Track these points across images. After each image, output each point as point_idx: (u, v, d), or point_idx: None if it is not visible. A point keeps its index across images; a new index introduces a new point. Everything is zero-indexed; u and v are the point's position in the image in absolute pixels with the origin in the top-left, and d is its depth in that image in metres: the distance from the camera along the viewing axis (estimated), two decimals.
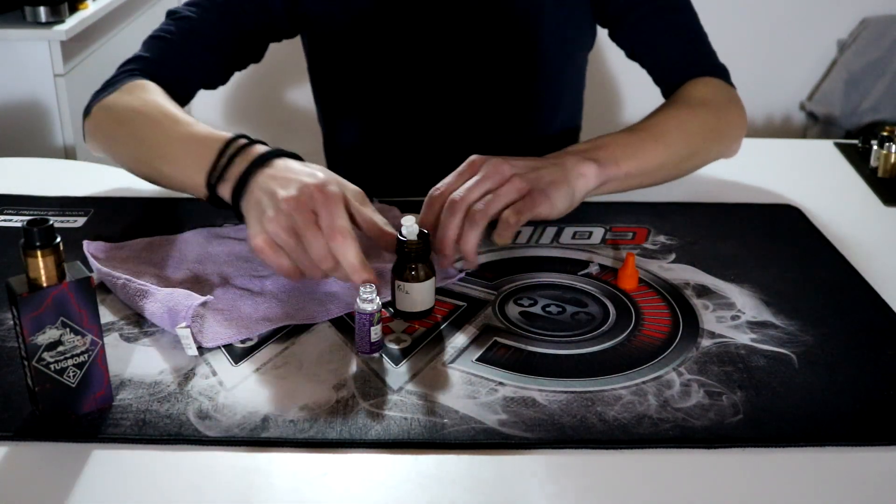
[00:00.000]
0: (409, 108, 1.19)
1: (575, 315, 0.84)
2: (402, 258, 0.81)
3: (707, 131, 1.07)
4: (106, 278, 0.85)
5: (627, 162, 0.97)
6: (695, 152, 1.06)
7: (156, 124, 0.95)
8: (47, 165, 1.22)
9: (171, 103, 0.98)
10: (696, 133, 1.06)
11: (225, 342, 0.78)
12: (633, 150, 0.99)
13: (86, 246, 0.90)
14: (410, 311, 0.82)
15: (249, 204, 0.82)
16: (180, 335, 0.76)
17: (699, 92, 1.09)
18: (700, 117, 1.06)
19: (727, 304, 0.86)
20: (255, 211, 0.80)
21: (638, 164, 0.99)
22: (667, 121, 1.04)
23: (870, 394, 0.73)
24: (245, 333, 0.79)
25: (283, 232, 0.78)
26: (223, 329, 0.79)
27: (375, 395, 0.72)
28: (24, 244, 0.63)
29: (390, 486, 0.64)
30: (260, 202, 0.80)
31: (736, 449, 0.68)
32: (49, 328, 0.65)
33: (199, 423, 0.69)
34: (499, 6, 1.13)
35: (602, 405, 0.71)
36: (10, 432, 0.68)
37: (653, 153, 1.00)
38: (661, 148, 1.01)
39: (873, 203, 1.11)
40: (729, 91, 1.12)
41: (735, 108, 1.11)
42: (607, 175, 0.96)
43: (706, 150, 1.08)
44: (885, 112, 2.74)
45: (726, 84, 1.12)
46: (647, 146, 1.00)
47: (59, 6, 1.94)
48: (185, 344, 0.76)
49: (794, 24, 2.85)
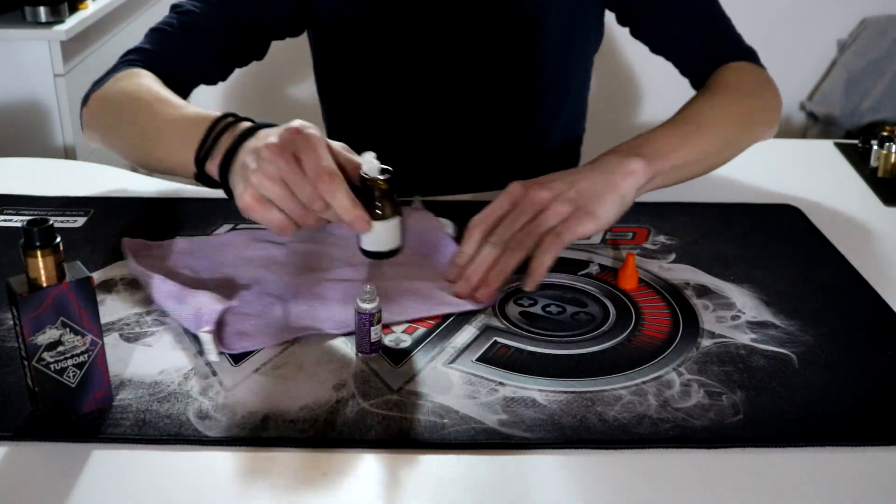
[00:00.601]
0: (414, 107, 1.19)
1: (575, 315, 0.84)
2: (366, 196, 0.77)
3: (745, 116, 1.05)
4: (140, 276, 0.85)
5: (673, 154, 0.94)
6: (736, 138, 1.04)
7: (148, 108, 0.95)
8: (47, 165, 1.22)
9: (165, 89, 0.98)
10: (735, 118, 1.04)
11: (248, 349, 0.77)
12: (678, 142, 0.96)
13: (125, 243, 0.91)
14: (375, 251, 0.79)
15: (235, 171, 0.80)
16: (202, 339, 0.75)
17: (731, 77, 1.07)
18: (737, 102, 1.04)
19: (727, 304, 0.86)
20: (241, 173, 0.79)
21: (683, 156, 0.96)
22: (704, 109, 1.02)
23: (870, 394, 0.73)
24: (270, 341, 0.78)
25: (267, 180, 0.75)
26: (248, 335, 0.78)
27: (375, 395, 0.72)
28: (24, 244, 0.63)
29: (390, 486, 0.64)
30: (244, 163, 0.79)
31: (736, 449, 0.68)
32: (49, 328, 0.65)
33: (199, 423, 0.69)
34: (503, 5, 1.13)
35: (602, 405, 0.71)
36: (10, 432, 0.68)
37: (696, 143, 0.98)
38: (704, 137, 0.99)
39: (873, 203, 1.11)
40: (760, 73, 1.10)
41: (769, 89, 1.09)
42: (655, 169, 0.92)
43: (748, 134, 1.06)
44: (885, 112, 2.74)
45: (757, 66, 1.10)
46: (690, 136, 0.98)
47: (59, 6, 1.94)
48: (206, 349, 0.76)
49: (794, 24, 2.85)
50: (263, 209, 0.76)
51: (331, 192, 0.75)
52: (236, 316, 0.81)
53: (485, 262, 0.85)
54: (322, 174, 0.75)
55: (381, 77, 1.17)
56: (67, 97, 1.99)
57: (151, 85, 0.98)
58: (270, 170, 0.75)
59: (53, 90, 1.98)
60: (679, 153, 0.95)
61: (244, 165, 0.78)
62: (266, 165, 0.75)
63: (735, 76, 1.08)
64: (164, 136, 0.91)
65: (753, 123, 1.07)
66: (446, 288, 0.86)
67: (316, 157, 0.75)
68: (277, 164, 0.75)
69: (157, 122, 0.93)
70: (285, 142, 0.76)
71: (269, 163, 0.75)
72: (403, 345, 0.79)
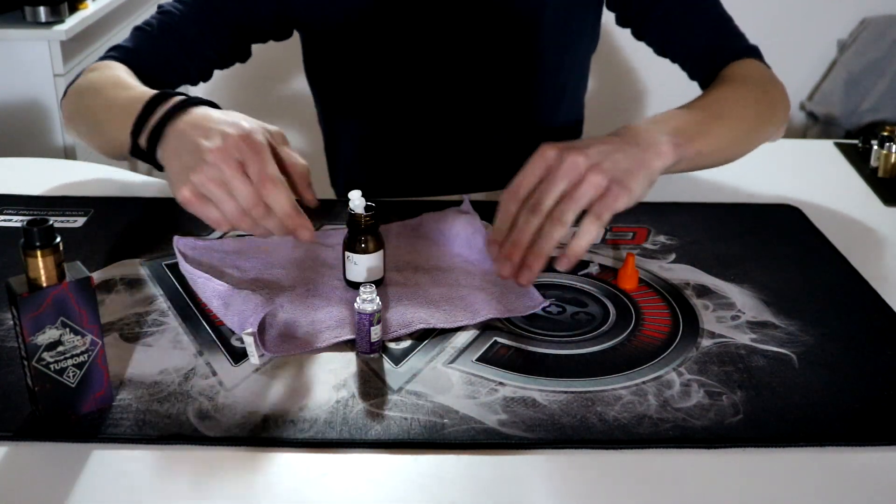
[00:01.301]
0: (409, 107, 1.18)
1: (575, 315, 0.84)
2: (352, 230, 0.84)
3: (762, 108, 1.03)
4: (188, 274, 0.86)
5: (700, 140, 0.90)
6: (753, 130, 1.02)
7: (104, 91, 0.97)
8: (47, 165, 1.22)
9: (131, 77, 0.99)
10: (753, 110, 1.02)
11: (290, 353, 0.77)
12: (704, 128, 0.92)
13: (175, 241, 0.91)
14: (359, 282, 0.84)
15: (168, 153, 0.81)
16: (245, 341, 0.76)
17: (743, 71, 1.06)
18: (753, 94, 1.03)
19: (727, 304, 0.86)
20: (177, 162, 0.79)
21: (708, 143, 0.92)
22: (725, 99, 1.00)
23: (870, 394, 0.73)
24: (311, 345, 0.78)
25: (209, 183, 0.76)
26: (291, 339, 0.78)
27: (375, 395, 0.72)
28: (24, 244, 0.63)
29: (390, 486, 0.64)
30: (180, 153, 0.79)
31: (736, 449, 0.68)
32: (49, 328, 0.65)
33: (199, 423, 0.69)
34: (499, 7, 1.12)
35: (602, 405, 0.71)
36: (10, 432, 0.67)
37: (719, 132, 0.95)
38: (726, 125, 0.96)
39: (873, 203, 1.11)
40: (767, 70, 1.09)
41: (778, 86, 1.08)
42: (682, 153, 0.87)
43: (764, 128, 1.04)
44: (885, 112, 2.74)
45: (763, 64, 1.10)
46: (714, 124, 0.95)
47: (59, 6, 1.94)
48: (249, 351, 0.76)
49: (794, 24, 2.85)
50: (203, 206, 0.77)
51: (274, 199, 0.76)
52: (281, 319, 0.81)
53: (525, 235, 0.80)
54: (266, 182, 0.76)
55: (374, 77, 1.17)
56: None
57: (118, 74, 1.00)
58: (212, 173, 0.76)
59: (53, 90, 1.98)
60: (704, 140, 0.91)
61: (179, 154, 0.79)
62: (208, 168, 0.76)
63: (745, 71, 1.06)
64: (112, 115, 0.93)
65: (769, 117, 1.05)
66: (492, 295, 0.85)
67: (261, 163, 0.76)
68: (220, 168, 0.76)
69: (109, 103, 0.95)
70: (230, 147, 0.76)
71: (211, 166, 0.76)
72: (403, 345, 0.79)
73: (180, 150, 0.79)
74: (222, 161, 0.76)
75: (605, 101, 2.89)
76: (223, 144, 0.76)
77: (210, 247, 0.93)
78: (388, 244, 0.88)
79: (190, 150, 0.78)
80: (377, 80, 1.17)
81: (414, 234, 0.96)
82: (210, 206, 0.77)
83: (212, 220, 0.78)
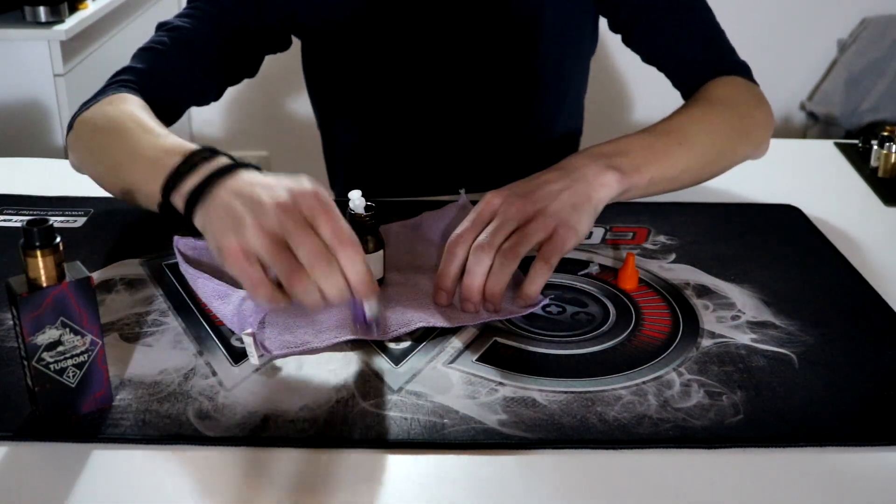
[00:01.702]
0: (408, 111, 1.18)
1: (575, 315, 0.84)
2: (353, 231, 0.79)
3: (732, 132, 1.02)
4: (188, 274, 0.86)
5: (651, 168, 0.91)
6: (720, 155, 1.01)
7: (126, 133, 0.88)
8: (47, 165, 1.22)
9: (150, 116, 0.91)
10: (720, 134, 1.00)
11: (289, 353, 0.77)
12: (657, 156, 0.92)
13: (175, 241, 0.90)
14: None
15: (211, 215, 0.72)
16: (245, 341, 0.76)
17: (721, 91, 1.05)
18: (724, 117, 1.01)
19: (727, 304, 0.86)
20: (226, 221, 0.71)
21: (662, 171, 0.92)
22: (690, 122, 0.99)
23: (870, 394, 0.73)
24: (311, 345, 0.77)
25: (264, 236, 0.68)
26: (291, 339, 0.78)
27: (375, 395, 0.72)
28: (24, 244, 0.63)
29: (390, 486, 0.64)
30: (233, 210, 0.70)
31: (736, 449, 0.68)
32: (49, 328, 0.65)
33: (199, 423, 0.69)
34: (499, 10, 1.12)
35: (602, 405, 0.71)
36: (10, 432, 0.67)
37: (677, 158, 0.94)
38: (685, 151, 0.95)
39: (873, 203, 1.11)
40: (752, 88, 1.07)
41: (760, 106, 1.06)
42: (630, 183, 0.89)
43: (732, 151, 1.03)
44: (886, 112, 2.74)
45: (749, 81, 1.08)
46: (672, 150, 0.94)
47: (59, 6, 1.94)
48: (248, 351, 0.76)
49: (794, 24, 2.85)
50: (248, 263, 0.69)
51: (350, 259, 0.69)
52: (281, 319, 0.80)
53: (478, 277, 0.80)
54: (346, 240, 0.69)
55: (374, 82, 1.16)
56: (67, 97, 1.99)
57: (136, 111, 0.92)
58: (271, 224, 0.68)
59: (53, 90, 1.98)
60: (657, 167, 0.92)
61: (233, 212, 0.70)
62: (266, 219, 0.69)
63: (725, 90, 1.05)
64: (136, 162, 0.85)
65: (741, 140, 1.03)
66: None
67: (336, 222, 0.69)
68: (282, 220, 0.68)
69: (131, 148, 0.86)
70: (298, 201, 0.69)
71: (272, 216, 0.69)
72: (403, 345, 0.79)
73: (233, 208, 0.70)
74: (285, 214, 0.68)
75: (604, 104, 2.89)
76: (291, 200, 0.69)
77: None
78: (388, 244, 0.88)
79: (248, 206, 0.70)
80: (377, 82, 1.17)
81: (414, 234, 0.96)
82: (255, 265, 0.69)
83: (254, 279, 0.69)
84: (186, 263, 0.87)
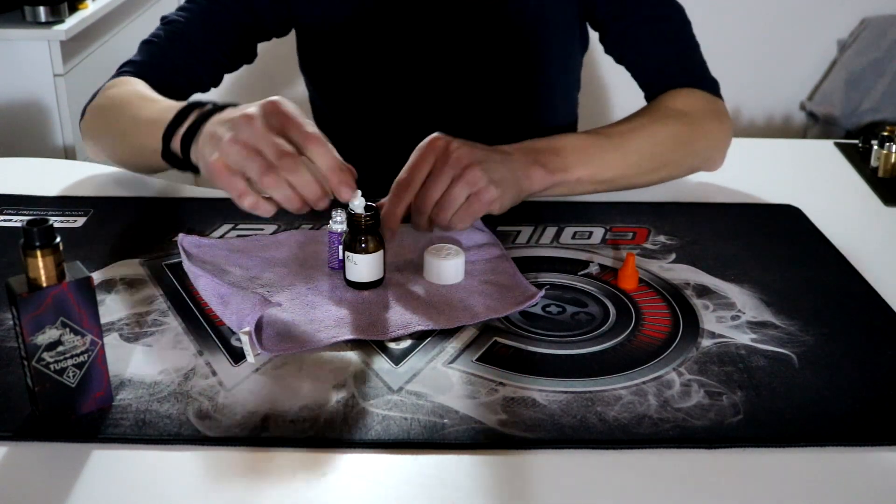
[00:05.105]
0: (405, 108, 1.18)
1: (575, 315, 0.84)
2: (353, 231, 0.84)
3: (677, 143, 1.05)
4: (191, 272, 0.86)
5: (579, 168, 0.97)
6: (662, 164, 1.04)
7: (129, 105, 1.00)
8: (47, 165, 1.22)
9: (151, 91, 1.02)
10: (663, 145, 1.04)
11: (286, 352, 0.77)
12: (589, 157, 0.98)
13: (180, 239, 0.91)
14: (359, 282, 0.85)
15: (200, 145, 0.83)
16: (242, 339, 0.76)
17: (678, 102, 1.07)
18: (670, 129, 1.04)
19: (727, 304, 0.86)
20: (210, 143, 0.80)
21: (591, 172, 0.98)
22: (632, 130, 1.02)
23: (870, 394, 0.73)
24: (309, 345, 0.77)
25: (239, 147, 0.76)
26: (288, 338, 0.78)
27: (375, 395, 0.72)
28: (24, 244, 0.63)
29: (390, 486, 0.64)
30: (214, 134, 0.80)
31: (736, 449, 0.68)
32: (49, 328, 0.65)
33: (199, 423, 0.69)
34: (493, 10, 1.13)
35: (602, 405, 0.71)
36: (10, 432, 0.67)
37: (611, 162, 1.00)
38: (621, 157, 1.00)
39: (873, 203, 1.11)
40: (713, 102, 1.09)
41: (715, 120, 1.08)
42: (553, 181, 0.96)
43: (675, 162, 1.06)
44: (886, 112, 2.74)
45: (712, 96, 1.10)
46: (607, 154, 0.99)
47: (59, 6, 1.94)
48: (245, 350, 0.76)
49: (794, 24, 2.85)
50: (230, 174, 0.77)
51: (319, 154, 0.76)
52: (280, 318, 0.81)
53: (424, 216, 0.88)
54: (310, 137, 0.76)
55: (370, 78, 1.17)
56: (67, 97, 1.99)
57: (138, 88, 1.02)
58: (243, 135, 0.76)
59: (53, 90, 1.98)
60: (586, 169, 0.98)
61: (215, 135, 0.79)
62: (240, 132, 0.76)
63: (682, 101, 1.07)
64: (140, 126, 0.95)
65: (686, 152, 1.06)
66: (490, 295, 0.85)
67: (300, 124, 0.76)
68: (252, 129, 0.76)
69: (135, 116, 0.97)
70: (265, 113, 0.77)
71: (244, 128, 0.76)
72: (403, 345, 0.79)
73: (214, 131, 0.80)
74: (250, 123, 0.76)
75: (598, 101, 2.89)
76: (257, 111, 0.77)
77: (215, 245, 0.93)
78: (388, 244, 0.88)
79: (223, 127, 0.79)
80: (374, 79, 1.17)
81: (414, 235, 0.96)
82: (236, 175, 0.77)
83: (237, 189, 0.77)
84: (190, 261, 0.87)
